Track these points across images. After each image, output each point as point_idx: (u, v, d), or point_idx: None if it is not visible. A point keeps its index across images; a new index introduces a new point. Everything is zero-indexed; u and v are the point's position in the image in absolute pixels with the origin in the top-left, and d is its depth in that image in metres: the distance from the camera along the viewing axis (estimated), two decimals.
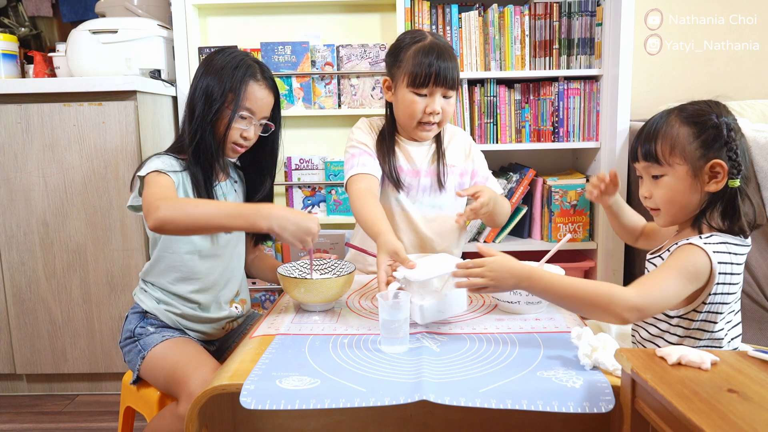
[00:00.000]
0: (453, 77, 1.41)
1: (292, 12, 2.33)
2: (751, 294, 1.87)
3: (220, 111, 1.31)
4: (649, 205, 1.11)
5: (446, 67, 1.39)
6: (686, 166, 1.03)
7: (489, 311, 1.22)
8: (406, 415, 1.13)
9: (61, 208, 1.97)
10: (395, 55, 1.46)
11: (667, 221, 1.11)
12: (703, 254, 0.99)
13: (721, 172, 1.01)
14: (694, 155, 1.02)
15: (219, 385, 0.88)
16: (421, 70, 1.39)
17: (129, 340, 1.34)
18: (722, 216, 1.04)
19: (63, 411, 1.99)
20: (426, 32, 1.46)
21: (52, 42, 2.51)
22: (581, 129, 2.23)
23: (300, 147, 2.36)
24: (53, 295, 2.01)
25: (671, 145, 1.04)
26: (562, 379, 0.87)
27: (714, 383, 0.73)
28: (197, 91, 1.33)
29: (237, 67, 1.32)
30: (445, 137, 1.57)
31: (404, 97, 1.44)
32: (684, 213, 1.07)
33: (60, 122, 1.92)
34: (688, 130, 1.03)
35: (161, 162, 1.29)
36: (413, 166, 1.52)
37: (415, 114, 1.44)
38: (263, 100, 1.36)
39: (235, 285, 1.45)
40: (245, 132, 1.35)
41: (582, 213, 2.23)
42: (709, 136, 1.02)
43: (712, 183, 1.02)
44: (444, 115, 1.45)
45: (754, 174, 1.86)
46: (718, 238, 1.02)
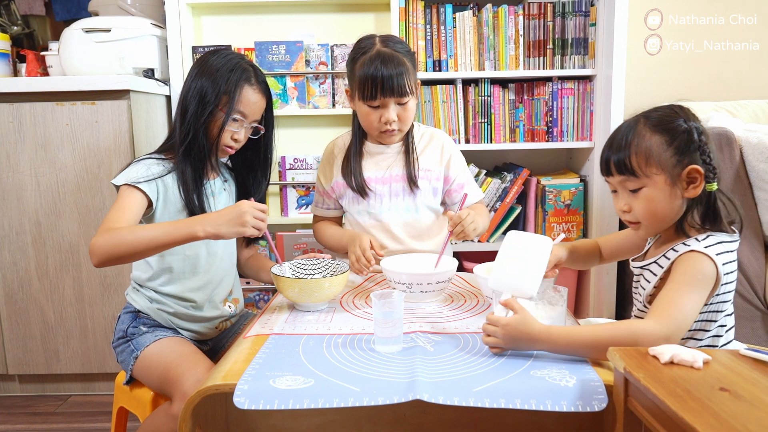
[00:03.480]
0: (401, 85, 1.39)
1: (287, 11, 2.32)
2: (743, 293, 1.88)
3: (213, 113, 1.32)
4: (629, 218, 1.09)
5: (391, 76, 1.38)
6: (664, 175, 1.02)
7: (483, 311, 1.23)
8: (400, 415, 1.13)
9: (53, 208, 1.96)
10: (349, 66, 1.47)
11: (650, 233, 1.10)
12: (707, 260, 0.98)
13: (698, 177, 1.01)
14: (670, 163, 1.01)
15: (212, 385, 0.88)
16: (367, 84, 1.39)
17: (122, 340, 1.33)
18: (702, 219, 1.04)
19: (56, 412, 1.98)
20: (376, 39, 1.44)
21: (44, 41, 2.50)
22: (575, 129, 2.23)
23: (294, 146, 2.35)
24: (46, 295, 2.00)
25: (646, 155, 1.02)
26: (555, 378, 0.87)
27: (706, 382, 0.73)
28: (190, 92, 1.33)
29: (232, 70, 1.32)
30: (422, 140, 1.57)
31: (360, 109, 1.46)
32: (665, 222, 1.06)
33: (53, 121, 1.91)
34: (660, 137, 1.02)
35: (141, 169, 1.29)
36: (383, 173, 1.53)
37: (372, 125, 1.46)
38: (256, 104, 1.37)
39: (229, 284, 1.45)
40: (236, 134, 1.36)
41: (576, 212, 2.24)
42: (681, 142, 1.01)
43: (691, 189, 1.02)
44: (402, 121, 1.45)
45: (746, 173, 1.88)
46: (714, 239, 1.01)
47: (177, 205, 1.33)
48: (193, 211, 1.32)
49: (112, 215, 1.23)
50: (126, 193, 1.27)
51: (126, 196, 1.26)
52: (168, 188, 1.32)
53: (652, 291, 1.07)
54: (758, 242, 1.88)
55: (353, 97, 1.48)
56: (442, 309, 1.24)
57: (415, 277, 1.24)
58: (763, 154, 1.79)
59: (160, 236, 1.18)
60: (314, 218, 1.66)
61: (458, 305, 1.26)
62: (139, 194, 1.27)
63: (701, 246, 0.99)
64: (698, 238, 1.02)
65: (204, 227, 1.18)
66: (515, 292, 1.03)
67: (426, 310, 1.23)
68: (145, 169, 1.30)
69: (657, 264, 1.07)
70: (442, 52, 2.19)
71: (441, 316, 1.19)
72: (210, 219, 1.20)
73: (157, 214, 1.32)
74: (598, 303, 2.26)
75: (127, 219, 1.23)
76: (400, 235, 1.52)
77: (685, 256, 1.00)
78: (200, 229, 1.18)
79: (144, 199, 1.27)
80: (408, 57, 1.43)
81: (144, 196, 1.27)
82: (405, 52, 1.43)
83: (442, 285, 1.26)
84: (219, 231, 1.18)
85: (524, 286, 1.04)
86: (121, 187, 1.27)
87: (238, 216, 1.18)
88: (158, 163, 1.33)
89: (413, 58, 1.47)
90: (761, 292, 1.88)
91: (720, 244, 1.01)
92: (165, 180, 1.31)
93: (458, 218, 1.34)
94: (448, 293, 1.35)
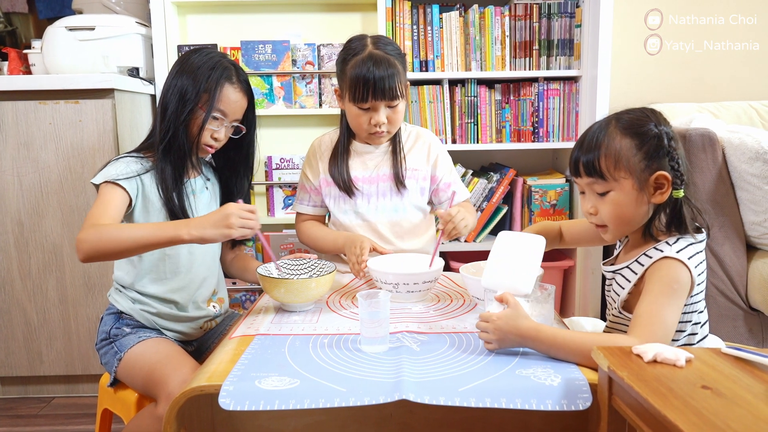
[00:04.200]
0: (392, 87, 1.38)
1: (273, 11, 2.32)
2: (725, 292, 1.91)
3: (193, 111, 1.31)
4: (595, 221, 1.09)
5: (383, 79, 1.37)
6: (631, 179, 1.01)
7: (469, 311, 1.23)
8: (386, 415, 1.14)
9: (36, 208, 1.93)
10: (340, 66, 1.46)
11: (616, 236, 1.09)
12: (682, 267, 0.98)
13: (665, 183, 1.00)
14: (639, 167, 1.01)
15: (197, 386, 0.87)
16: (358, 86, 1.38)
17: (105, 342, 1.32)
18: (668, 225, 1.04)
19: (39, 414, 1.96)
20: (367, 40, 1.43)
21: (27, 39, 2.47)
22: (561, 129, 2.25)
23: (281, 146, 2.35)
24: (28, 296, 1.98)
25: (615, 158, 1.01)
26: (540, 377, 0.88)
27: (688, 380, 0.74)
28: (171, 90, 1.32)
29: (213, 68, 1.32)
30: (409, 140, 1.57)
31: (350, 110, 1.46)
32: (631, 226, 1.06)
33: (35, 120, 1.89)
34: (630, 141, 1.01)
35: (120, 167, 1.28)
36: (370, 172, 1.53)
37: (362, 126, 1.46)
38: (237, 103, 1.36)
39: (212, 284, 1.44)
40: (215, 133, 1.35)
41: (561, 212, 2.25)
42: (651, 147, 1.01)
43: (658, 194, 1.02)
44: (392, 123, 1.45)
45: (728, 174, 1.90)
46: (684, 242, 1.02)
47: (156, 204, 1.32)
48: (172, 210, 1.31)
49: (96, 211, 1.22)
50: (107, 190, 1.26)
51: (107, 193, 1.25)
52: (146, 186, 1.31)
53: (626, 297, 1.07)
54: (740, 242, 1.90)
55: (343, 97, 1.47)
56: (428, 309, 1.24)
57: (402, 277, 1.24)
58: (745, 154, 1.81)
59: (145, 236, 1.17)
60: (298, 217, 1.62)
61: (445, 305, 1.27)
62: (120, 191, 1.26)
63: (673, 251, 0.99)
64: (669, 242, 1.02)
65: (189, 230, 1.17)
66: (509, 291, 1.04)
67: (412, 310, 1.23)
68: (124, 166, 1.29)
69: (630, 269, 1.07)
70: (428, 52, 2.19)
71: (427, 316, 1.19)
72: (195, 222, 1.19)
73: (136, 212, 1.30)
74: (583, 302, 2.28)
75: (111, 215, 1.22)
76: (386, 235, 1.52)
77: (658, 265, 1.00)
78: (185, 232, 1.17)
79: (125, 195, 1.27)
80: (399, 59, 1.42)
81: (125, 193, 1.26)
82: (396, 54, 1.42)
83: (428, 285, 1.26)
84: (204, 234, 1.17)
85: (518, 284, 1.04)
86: (101, 185, 1.26)
87: (223, 218, 1.17)
88: (137, 161, 1.32)
89: (404, 59, 1.46)
90: (743, 292, 1.90)
91: (690, 246, 1.01)
92: (143, 178, 1.31)
93: (449, 216, 1.35)
94: (435, 293, 1.35)
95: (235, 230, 1.17)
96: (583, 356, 0.91)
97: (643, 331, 0.93)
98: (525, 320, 0.96)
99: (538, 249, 1.07)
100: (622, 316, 1.09)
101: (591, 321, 1.36)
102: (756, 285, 1.86)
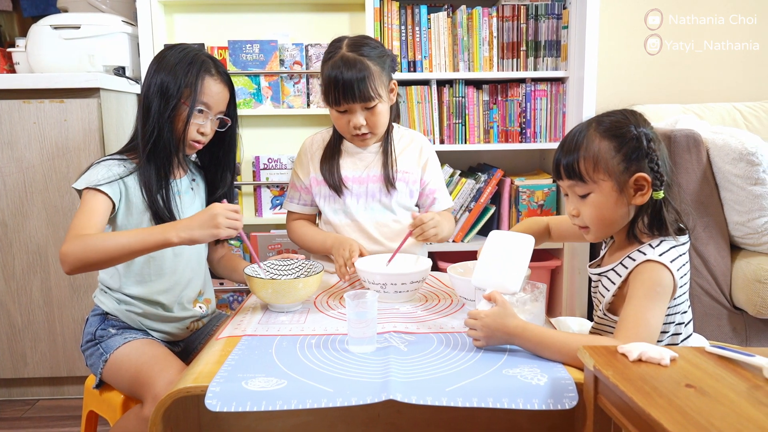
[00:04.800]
0: (362, 89, 1.37)
1: (260, 10, 2.31)
2: (710, 291, 1.92)
3: (177, 107, 1.30)
4: (577, 223, 1.10)
5: (351, 81, 1.36)
6: (611, 181, 1.02)
7: (456, 311, 1.23)
8: (374, 415, 1.14)
9: (20, 208, 1.91)
10: (321, 68, 1.46)
11: (598, 237, 1.10)
12: (664, 270, 0.98)
13: (645, 184, 1.01)
14: (618, 169, 1.02)
15: (184, 388, 0.87)
16: (330, 88, 1.39)
17: (90, 344, 1.31)
18: (650, 227, 1.04)
19: (23, 417, 1.94)
20: (343, 42, 1.42)
21: (11, 37, 2.44)
22: (548, 130, 2.26)
23: (268, 146, 2.34)
24: (12, 298, 1.95)
25: (594, 161, 1.02)
26: (527, 377, 0.88)
27: (673, 379, 0.74)
28: (151, 89, 1.31)
29: (191, 63, 1.31)
30: (401, 141, 1.57)
31: (331, 113, 1.47)
32: (613, 228, 1.07)
33: (19, 120, 1.87)
34: (609, 144, 1.02)
35: (101, 171, 1.27)
36: (361, 172, 1.53)
37: (343, 129, 1.46)
38: (219, 94, 1.36)
39: (198, 284, 1.43)
40: (202, 127, 1.34)
41: (549, 213, 2.27)
42: (630, 149, 1.01)
43: (638, 196, 1.02)
44: (372, 125, 1.44)
45: (712, 175, 1.92)
46: (667, 244, 1.02)
47: (139, 206, 1.30)
48: (157, 212, 1.30)
49: (79, 221, 1.21)
50: (89, 197, 1.24)
51: (90, 200, 1.24)
52: (129, 189, 1.29)
53: (611, 299, 1.08)
54: (724, 242, 1.92)
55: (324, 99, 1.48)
56: (416, 309, 1.24)
57: (389, 278, 1.24)
58: (729, 155, 1.83)
59: (133, 243, 1.16)
60: (289, 215, 1.63)
61: (432, 305, 1.27)
62: (102, 197, 1.25)
63: (656, 254, 1.00)
64: (652, 245, 1.03)
65: (178, 233, 1.17)
66: (498, 289, 1.04)
67: (400, 310, 1.23)
68: (105, 170, 1.28)
69: (614, 272, 1.08)
70: (417, 52, 2.20)
71: (415, 316, 1.19)
72: (183, 224, 1.19)
73: (119, 216, 1.29)
74: (570, 302, 2.29)
75: (95, 224, 1.21)
76: (375, 236, 1.52)
77: (641, 268, 1.01)
78: (174, 235, 1.16)
79: (108, 201, 1.25)
80: (376, 61, 1.40)
81: (107, 199, 1.25)
82: (374, 56, 1.41)
83: (416, 285, 1.27)
84: (192, 235, 1.17)
85: (507, 282, 1.05)
86: (83, 191, 1.25)
87: (210, 219, 1.17)
88: (119, 163, 1.31)
89: (384, 60, 1.43)
90: (727, 291, 1.92)
91: (673, 249, 1.02)
92: (126, 181, 1.29)
93: (419, 221, 1.37)
94: (422, 293, 1.35)
95: (222, 230, 1.18)
96: (569, 355, 0.92)
97: (629, 335, 0.93)
98: (512, 318, 0.97)
99: (527, 248, 1.08)
100: (607, 318, 1.10)
101: (577, 321, 1.37)
102: (740, 284, 1.88)
